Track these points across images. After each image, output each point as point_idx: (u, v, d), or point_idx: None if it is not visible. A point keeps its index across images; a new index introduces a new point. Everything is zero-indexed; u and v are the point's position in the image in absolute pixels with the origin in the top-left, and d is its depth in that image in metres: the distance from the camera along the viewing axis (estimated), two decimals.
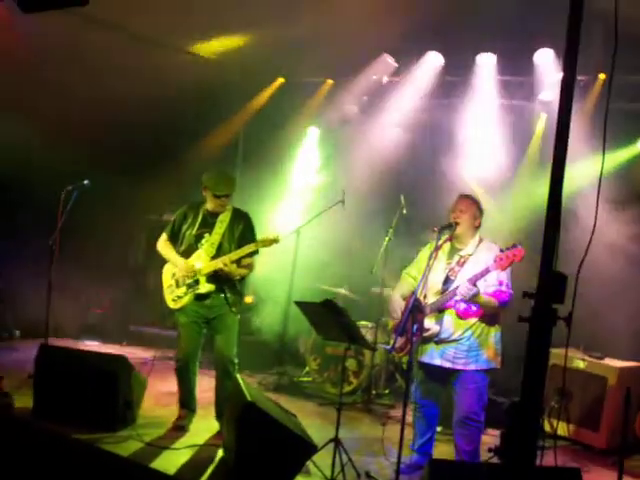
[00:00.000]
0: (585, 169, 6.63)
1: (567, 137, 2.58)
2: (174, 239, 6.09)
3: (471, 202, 5.47)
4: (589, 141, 6.70)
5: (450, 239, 5.46)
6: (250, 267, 5.99)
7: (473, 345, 5.22)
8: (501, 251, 4.96)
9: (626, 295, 6.92)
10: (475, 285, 5.03)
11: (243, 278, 6.01)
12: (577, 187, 6.47)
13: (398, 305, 5.53)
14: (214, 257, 5.85)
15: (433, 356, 5.30)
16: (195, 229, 5.97)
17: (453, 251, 5.45)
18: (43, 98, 7.62)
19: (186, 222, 6.04)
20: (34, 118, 7.67)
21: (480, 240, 5.40)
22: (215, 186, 5.86)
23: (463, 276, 5.19)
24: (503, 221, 7.51)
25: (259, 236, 5.95)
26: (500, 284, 5.15)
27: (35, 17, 3.43)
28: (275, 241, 5.86)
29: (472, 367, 5.22)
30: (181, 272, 5.91)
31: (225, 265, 5.74)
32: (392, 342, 5.43)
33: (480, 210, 5.47)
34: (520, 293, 2.64)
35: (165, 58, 8.10)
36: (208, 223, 5.97)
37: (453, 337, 5.23)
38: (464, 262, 5.32)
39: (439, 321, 5.26)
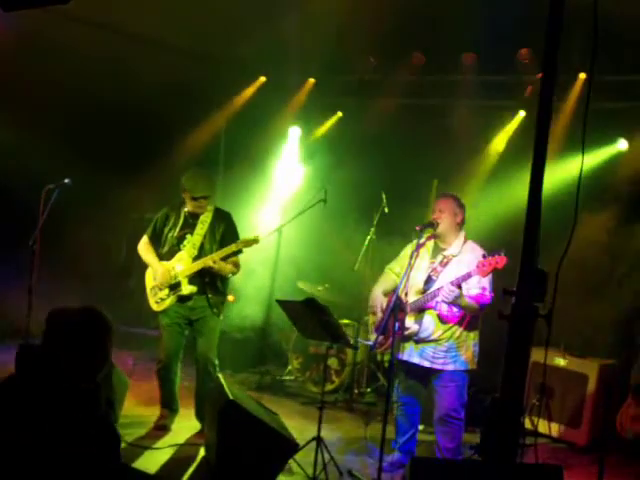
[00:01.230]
0: (565, 168, 6.66)
1: (547, 136, 2.60)
2: (155, 241, 6.05)
3: (449, 199, 5.45)
4: (569, 140, 6.74)
5: (433, 237, 5.47)
6: (237, 266, 5.98)
7: (452, 346, 5.24)
8: (484, 257, 4.97)
9: (606, 293, 6.96)
10: (459, 287, 5.04)
11: (227, 277, 6.00)
12: (557, 185, 6.50)
13: (379, 301, 5.54)
14: (196, 258, 5.83)
15: (412, 354, 5.32)
16: (177, 230, 5.94)
17: (437, 250, 5.45)
18: (22, 95, 7.56)
19: (168, 224, 6.01)
20: (13, 115, 7.60)
21: (465, 240, 5.40)
22: (192, 188, 5.83)
23: (445, 277, 5.20)
24: (483, 218, 7.51)
25: (241, 236, 5.95)
26: (483, 290, 5.15)
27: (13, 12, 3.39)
28: (255, 241, 5.84)
29: (450, 367, 5.25)
30: (159, 280, 5.89)
31: (214, 262, 5.72)
32: (373, 338, 5.45)
33: (460, 205, 5.43)
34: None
35: (146, 55, 8.04)
36: (189, 224, 5.94)
37: (432, 337, 5.25)
38: (447, 263, 5.31)
39: (419, 320, 5.27)
